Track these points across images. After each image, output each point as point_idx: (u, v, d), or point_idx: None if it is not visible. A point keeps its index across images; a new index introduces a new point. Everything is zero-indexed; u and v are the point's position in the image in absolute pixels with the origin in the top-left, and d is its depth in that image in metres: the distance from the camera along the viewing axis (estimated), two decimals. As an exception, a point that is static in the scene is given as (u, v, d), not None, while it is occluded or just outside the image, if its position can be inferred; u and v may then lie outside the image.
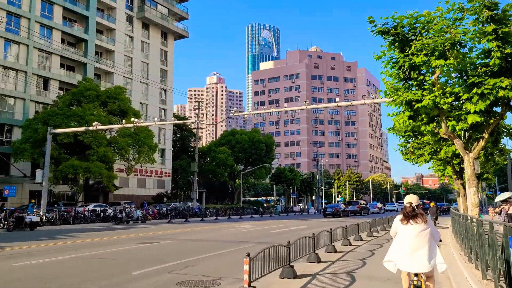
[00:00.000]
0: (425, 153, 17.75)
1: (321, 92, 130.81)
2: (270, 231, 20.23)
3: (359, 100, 19.32)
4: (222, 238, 16.74)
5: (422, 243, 4.86)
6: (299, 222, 29.88)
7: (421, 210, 5.12)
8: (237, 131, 65.69)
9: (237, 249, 12.67)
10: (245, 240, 15.81)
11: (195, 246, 13.76)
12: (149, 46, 56.28)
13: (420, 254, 4.82)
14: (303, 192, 68.37)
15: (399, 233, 5.10)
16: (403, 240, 4.97)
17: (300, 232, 19.08)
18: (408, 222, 4.97)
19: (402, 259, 4.92)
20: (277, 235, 17.93)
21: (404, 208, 5.15)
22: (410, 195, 5.26)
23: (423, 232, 4.89)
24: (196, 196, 41.99)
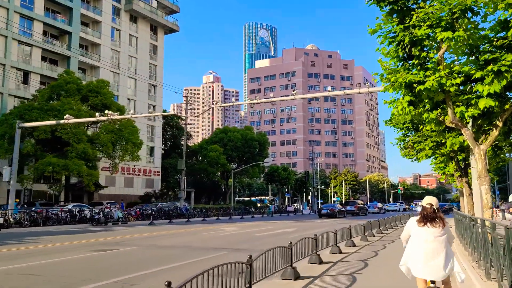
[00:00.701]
0: (426, 147, 15.77)
1: (318, 90, 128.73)
2: (252, 235, 18.23)
3: (354, 89, 17.33)
4: (195, 243, 14.73)
5: (438, 250, 4.54)
6: (289, 224, 27.89)
7: (441, 213, 4.72)
8: (229, 128, 63.71)
9: (203, 258, 10.67)
10: (220, 246, 13.81)
11: (157, 254, 11.74)
12: (138, 40, 54.18)
13: (437, 261, 4.50)
14: (298, 192, 66.35)
15: (414, 235, 4.74)
16: (417, 244, 4.63)
17: (286, 236, 17.09)
18: (425, 225, 4.62)
19: (417, 265, 4.58)
20: (258, 240, 15.93)
21: (423, 209, 4.73)
22: (430, 196, 4.85)
23: (440, 238, 4.57)
24: (183, 195, 39.95)
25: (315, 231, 19.91)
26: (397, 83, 11.08)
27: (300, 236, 9.95)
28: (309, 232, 18.86)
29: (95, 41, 48.66)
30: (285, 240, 13.58)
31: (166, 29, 58.18)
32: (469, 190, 16.61)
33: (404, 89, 11.07)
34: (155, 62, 56.79)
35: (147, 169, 54.06)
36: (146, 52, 55.20)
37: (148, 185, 53.75)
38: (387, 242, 15.51)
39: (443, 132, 12.13)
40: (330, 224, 28.27)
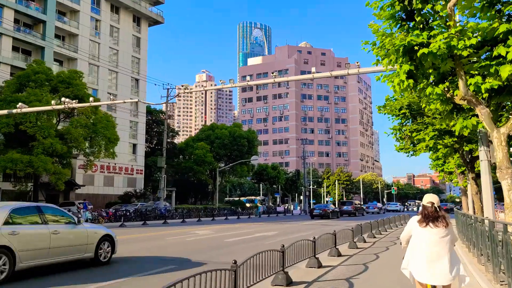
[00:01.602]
0: (426, 137, 13.27)
1: (311, 88, 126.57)
2: (223, 241, 15.66)
3: (343, 70, 14.79)
4: (145, 252, 12.16)
5: (443, 251, 4.16)
6: (273, 226, 25.36)
7: (444, 212, 4.29)
8: (217, 125, 61.09)
9: (122, 281, 8.07)
10: (176, 255, 11.26)
11: (64, 270, 9.13)
12: (119, 31, 51.40)
13: (441, 264, 4.13)
14: (288, 192, 63.80)
15: (415, 237, 4.34)
16: (420, 246, 4.25)
17: (262, 243, 14.58)
18: (428, 225, 4.24)
19: (419, 269, 4.18)
20: (225, 248, 13.37)
21: (424, 208, 4.34)
22: (431, 194, 4.47)
23: (445, 239, 4.19)
24: (163, 195, 37.29)
25: (298, 236, 17.42)
26: (392, 49, 8.56)
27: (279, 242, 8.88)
28: (291, 237, 16.36)
29: (73, 31, 45.87)
30: (258, 248, 11.06)
31: (150, 20, 55.45)
32: (475, 187, 14.12)
33: (402, 56, 8.59)
34: (138, 55, 54.03)
35: (129, 168, 51.31)
36: (128, 44, 52.43)
37: (130, 184, 51.01)
38: (380, 250, 13.00)
39: (450, 114, 9.59)
40: (319, 226, 25.77)
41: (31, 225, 8.40)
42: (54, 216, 9.29)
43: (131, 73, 52.20)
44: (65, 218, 9.58)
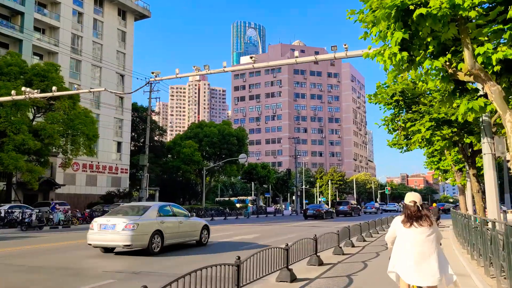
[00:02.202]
0: (422, 128, 11.65)
1: (304, 87, 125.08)
2: (194, 245, 13.96)
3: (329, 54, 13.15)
4: (73, 263, 10.48)
5: (429, 250, 4.04)
6: (257, 228, 23.70)
7: (426, 210, 4.23)
8: (205, 123, 59.32)
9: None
10: (107, 269, 9.54)
11: None
12: (104, 25, 49.50)
13: (429, 264, 3.98)
14: (279, 192, 62.10)
15: (400, 237, 4.22)
16: (406, 247, 4.11)
17: (235, 248, 12.87)
18: (412, 225, 4.13)
19: (407, 270, 4.04)
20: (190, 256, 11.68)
21: (406, 208, 4.24)
22: (412, 193, 4.33)
23: (430, 237, 4.09)
24: (145, 195, 35.45)
25: (279, 239, 15.79)
26: (382, 13, 6.94)
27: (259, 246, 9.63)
28: (272, 241, 14.71)
29: (53, 24, 43.94)
30: (228, 257, 9.45)
31: (136, 14, 53.58)
32: (477, 185, 12.50)
33: (394, 22, 6.97)
34: (123, 50, 52.15)
35: (113, 166, 49.41)
36: (113, 39, 50.54)
37: (115, 183, 49.08)
38: (369, 256, 11.37)
39: (452, 95, 7.96)
40: (307, 228, 24.15)
41: (169, 217, 12.70)
42: (178, 211, 13.68)
43: (116, 68, 50.31)
44: (184, 212, 13.92)
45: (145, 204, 13.40)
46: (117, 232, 11.13)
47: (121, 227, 11.14)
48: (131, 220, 11.31)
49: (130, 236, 11.02)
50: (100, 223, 11.59)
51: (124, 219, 11.38)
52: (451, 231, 20.37)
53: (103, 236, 11.36)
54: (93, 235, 11.50)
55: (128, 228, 11.11)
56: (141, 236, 11.25)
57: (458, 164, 18.18)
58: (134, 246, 11.23)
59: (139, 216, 11.67)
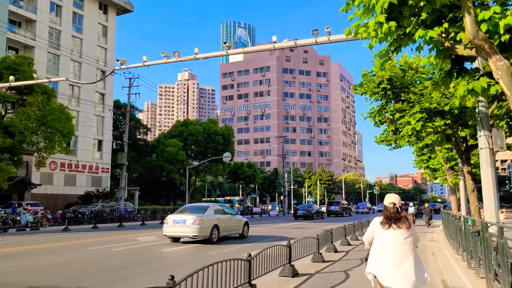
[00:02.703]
0: (412, 120, 10.40)
1: (293, 86, 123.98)
2: (158, 251, 12.61)
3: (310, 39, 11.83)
4: (30, 276, 9.04)
5: (406, 253, 4.01)
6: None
7: (405, 212, 4.19)
8: (190, 121, 57.81)
9: None
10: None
11: None
12: (84, 18, 47.70)
13: (407, 266, 3.96)
14: (266, 192, 60.76)
15: (378, 239, 4.16)
16: (383, 249, 4.07)
17: (189, 258, 11.53)
18: (390, 227, 4.09)
19: (384, 272, 4.00)
20: (145, 265, 10.29)
21: (385, 209, 4.21)
22: (392, 194, 4.32)
23: (407, 240, 4.05)
24: (124, 195, 33.91)
25: (253, 245, 14.52)
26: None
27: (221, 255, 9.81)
28: (238, 248, 13.36)
29: (30, 16, 42.07)
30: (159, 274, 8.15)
31: (118, 8, 51.84)
32: (472, 184, 11.29)
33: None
34: (105, 45, 50.37)
35: (94, 166, 47.61)
36: (94, 33, 48.76)
37: (95, 183, 47.28)
38: (351, 264, 10.08)
39: (448, 76, 6.70)
40: (291, 229, 22.88)
41: (222, 215, 15.79)
42: (227, 210, 17.01)
43: (96, 64, 48.55)
44: (231, 211, 17.37)
45: (204, 204, 16.96)
46: (187, 225, 14.42)
47: (190, 222, 14.42)
48: (197, 217, 14.54)
49: (197, 229, 14.35)
50: (173, 219, 14.92)
51: (192, 216, 14.62)
52: (441, 233, 19.24)
53: (176, 229, 14.67)
54: (168, 228, 14.85)
55: (196, 223, 14.37)
56: (205, 229, 14.56)
57: (450, 162, 17.04)
58: (200, 236, 14.48)
59: (202, 214, 14.87)
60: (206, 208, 15.43)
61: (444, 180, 23.60)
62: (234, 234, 16.79)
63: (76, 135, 45.75)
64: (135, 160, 52.63)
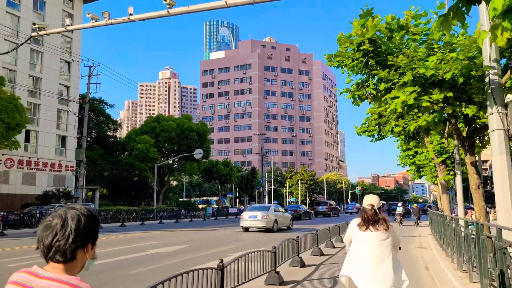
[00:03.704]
0: (401, 94, 7.76)
1: (275, 84, 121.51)
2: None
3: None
4: None
5: (383, 255, 3.92)
6: (197, 235, 19.54)
7: (384, 214, 4.10)
8: (163, 116, 54.62)
9: None
10: None
11: None
12: (46, 4, 44.20)
13: (384, 269, 3.88)
14: (243, 191, 57.94)
15: (356, 241, 4.07)
16: (361, 251, 3.98)
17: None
18: (368, 229, 4.00)
19: (360, 274, 3.90)
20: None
21: (363, 211, 4.10)
22: (370, 195, 4.25)
23: (385, 242, 3.95)
24: (81, 194, 30.73)
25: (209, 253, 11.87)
26: None
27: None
28: (189, 258, 10.59)
29: (-17, 0, 38.48)
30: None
31: (85, -5, 48.42)
32: (477, 178, 8.71)
33: None
34: (70, 34, 46.80)
35: (56, 163, 44.10)
36: (57, 21, 45.12)
37: (58, 182, 43.77)
38: (322, 285, 7.41)
39: (448, 18, 4.03)
40: (263, 235, 20.15)
41: (278, 212, 22.72)
42: (281, 209, 24.05)
43: (60, 54, 45.03)
44: (283, 210, 24.58)
45: (266, 205, 25.03)
46: (259, 220, 20.93)
47: (260, 217, 20.96)
48: (264, 213, 21.21)
49: (265, 222, 20.95)
50: (248, 215, 21.57)
51: (261, 213, 21.27)
52: (430, 237, 16.79)
53: (250, 222, 21.27)
54: (244, 221, 21.52)
55: (264, 218, 20.92)
56: (270, 222, 21.11)
57: (441, 155, 14.60)
58: (266, 227, 20.98)
59: (267, 212, 21.56)
60: (269, 208, 22.74)
61: (433, 177, 21.25)
62: (284, 226, 23.16)
63: (37, 130, 42.32)
64: (104, 158, 49.30)
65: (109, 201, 48.86)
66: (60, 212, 1.54)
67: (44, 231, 1.46)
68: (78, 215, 1.54)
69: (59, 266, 1.43)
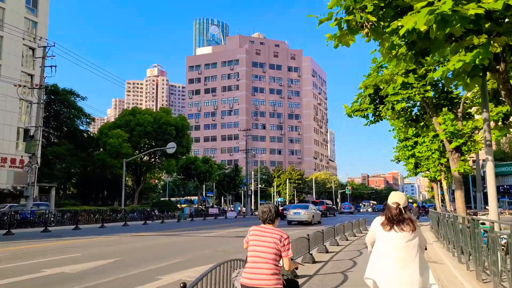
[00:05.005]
0: (416, 18, 4.19)
1: (263, 81, 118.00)
2: None
3: None
4: None
5: (410, 257, 3.64)
6: (137, 244, 15.91)
7: (409, 214, 3.80)
8: (139, 109, 50.80)
9: None
10: None
11: None
12: (6, -16, 40.14)
13: (410, 272, 3.59)
14: (226, 190, 54.27)
15: (379, 241, 3.81)
16: (385, 252, 3.71)
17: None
18: (392, 229, 3.71)
19: (385, 277, 3.65)
20: None
21: (388, 209, 3.80)
22: (397, 192, 3.94)
23: (411, 243, 3.66)
24: (32, 193, 26.88)
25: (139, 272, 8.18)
26: None
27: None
28: (104, 281, 6.95)
29: None
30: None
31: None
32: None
33: None
34: (35, 17, 42.85)
35: (17, 159, 40.10)
36: (20, 2, 41.20)
37: (19, 179, 39.62)
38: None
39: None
40: (229, 240, 16.60)
41: (312, 210, 29.99)
42: (314, 207, 32.23)
43: (23, 39, 41.00)
44: (315, 207, 32.82)
45: (306, 204, 33.16)
46: (301, 215, 28.34)
47: (303, 213, 28.41)
48: (306, 210, 28.77)
49: (306, 216, 28.32)
50: (293, 211, 29.19)
51: (303, 210, 28.69)
52: (436, 244, 13.38)
53: (295, 216, 28.68)
54: (290, 216, 28.91)
55: (305, 214, 28.44)
56: (309, 216, 28.39)
57: (456, 139, 11.14)
58: (308, 221, 27.95)
59: (307, 209, 29.02)
60: (308, 206, 30.06)
61: (436, 172, 17.84)
62: (316, 221, 29.13)
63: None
64: (73, 154, 45.31)
65: (78, 201, 44.86)
66: (267, 205, 3.83)
67: (264, 212, 3.74)
68: (273, 205, 3.85)
69: (270, 225, 3.69)
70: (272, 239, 3.54)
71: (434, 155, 16.79)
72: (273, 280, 3.43)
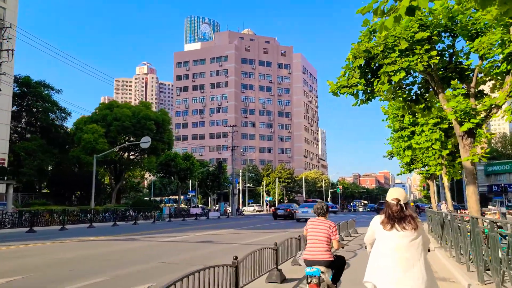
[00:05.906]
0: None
1: (252, 78, 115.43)
2: None
3: None
4: None
5: (414, 258, 3.35)
6: (55, 256, 13.36)
7: (412, 211, 3.51)
8: (117, 103, 47.96)
9: None
10: None
11: None
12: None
13: (415, 273, 3.30)
14: (210, 189, 51.67)
15: (380, 241, 3.52)
16: (386, 253, 3.42)
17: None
18: (393, 227, 3.44)
19: (387, 280, 3.34)
20: None
21: (388, 206, 3.52)
22: (396, 188, 3.64)
23: (415, 242, 3.39)
24: (-16, 191, 24.07)
25: None
26: None
27: None
28: None
29: None
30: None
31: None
32: None
33: None
34: (3, 3, 39.88)
35: (-19, 155, 37.12)
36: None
37: (-16, 178, 36.76)
38: None
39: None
40: (190, 248, 14.09)
41: None
42: None
43: (-11, 26, 37.96)
44: None
45: (312, 203, 36.28)
46: (309, 213, 31.81)
47: (309, 211, 31.97)
48: (311, 209, 29.86)
49: (311, 214, 28.43)
50: (301, 210, 34.19)
51: (308, 209, 33.08)
52: (438, 251, 10.98)
53: (303, 214, 33.17)
54: (298, 214, 33.84)
55: (310, 212, 30.10)
56: None
57: (468, 121, 8.71)
58: None
59: (311, 207, 26.25)
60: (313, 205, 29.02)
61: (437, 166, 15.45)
62: None
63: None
64: (45, 150, 42.39)
65: (51, 201, 41.96)
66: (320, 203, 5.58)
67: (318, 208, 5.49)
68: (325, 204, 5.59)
69: (323, 217, 5.44)
70: (325, 227, 5.26)
71: (434, 146, 14.40)
72: (327, 255, 5.11)
